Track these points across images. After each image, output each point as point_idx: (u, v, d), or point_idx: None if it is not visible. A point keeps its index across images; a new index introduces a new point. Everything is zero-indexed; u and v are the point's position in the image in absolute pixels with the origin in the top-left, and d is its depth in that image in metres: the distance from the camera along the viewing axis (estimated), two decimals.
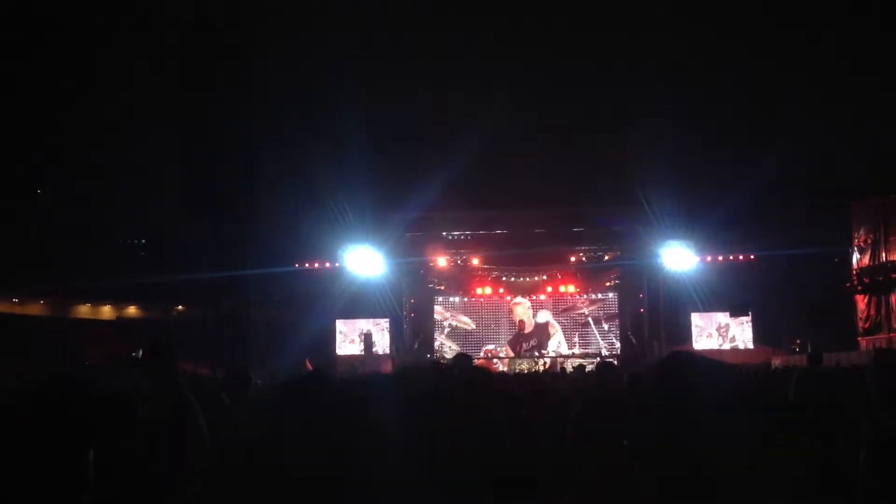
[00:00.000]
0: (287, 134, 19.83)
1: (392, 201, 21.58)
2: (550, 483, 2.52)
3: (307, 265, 23.27)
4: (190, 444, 2.36)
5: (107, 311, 28.95)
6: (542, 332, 26.02)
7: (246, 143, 19.09)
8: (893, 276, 18.30)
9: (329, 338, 24.07)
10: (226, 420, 3.92)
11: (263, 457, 2.08)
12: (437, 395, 2.82)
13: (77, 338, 24.30)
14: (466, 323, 26.36)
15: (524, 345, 25.68)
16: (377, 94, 19.32)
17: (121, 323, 27.24)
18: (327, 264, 23.33)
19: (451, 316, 26.44)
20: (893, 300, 18.62)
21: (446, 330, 26.18)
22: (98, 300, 28.42)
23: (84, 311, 28.71)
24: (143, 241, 22.42)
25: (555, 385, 7.17)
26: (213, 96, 17.42)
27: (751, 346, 22.60)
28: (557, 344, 25.60)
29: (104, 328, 26.02)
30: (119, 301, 28.37)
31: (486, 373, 4.73)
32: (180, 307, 26.61)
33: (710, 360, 1.80)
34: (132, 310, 28.82)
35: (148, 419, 2.36)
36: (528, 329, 25.89)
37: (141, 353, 2.51)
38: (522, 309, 26.27)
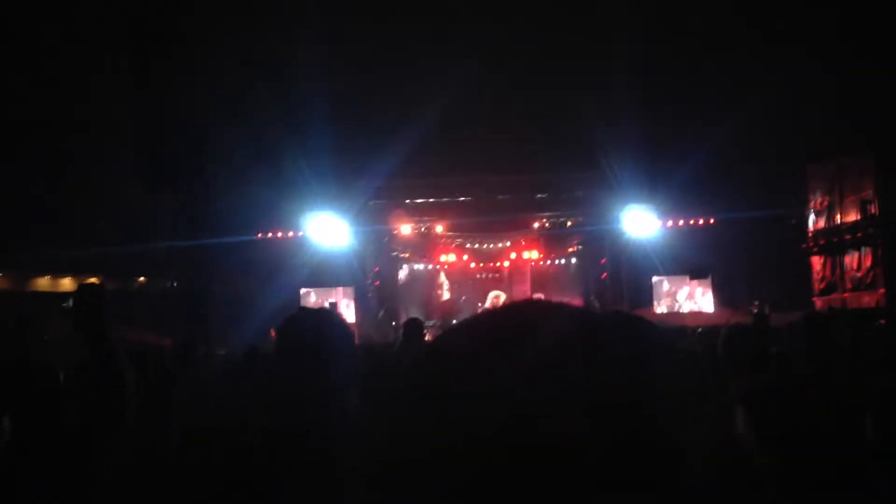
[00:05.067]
0: (246, 100, 19.50)
1: (355, 168, 21.39)
2: None
3: (269, 234, 23.05)
4: (115, 409, 2.36)
5: (67, 284, 28.48)
6: None
7: (204, 111, 18.76)
8: (847, 237, 18.69)
9: (293, 308, 23.95)
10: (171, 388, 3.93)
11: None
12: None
13: (37, 311, 23.89)
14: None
15: None
16: (337, 59, 19.07)
17: None
18: (290, 233, 23.13)
19: None
20: (847, 261, 19.04)
21: None
22: (58, 272, 27.94)
23: (43, 283, 28.23)
24: (103, 211, 21.97)
25: None
26: (167, 62, 17.06)
27: (711, 309, 22.95)
28: None
29: (65, 301, 25.57)
30: (79, 273, 27.91)
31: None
32: (142, 279, 26.28)
33: (647, 322, 1.82)
34: (93, 282, 28.38)
35: (71, 388, 2.34)
36: None
37: (71, 301, 2.48)
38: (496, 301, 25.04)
